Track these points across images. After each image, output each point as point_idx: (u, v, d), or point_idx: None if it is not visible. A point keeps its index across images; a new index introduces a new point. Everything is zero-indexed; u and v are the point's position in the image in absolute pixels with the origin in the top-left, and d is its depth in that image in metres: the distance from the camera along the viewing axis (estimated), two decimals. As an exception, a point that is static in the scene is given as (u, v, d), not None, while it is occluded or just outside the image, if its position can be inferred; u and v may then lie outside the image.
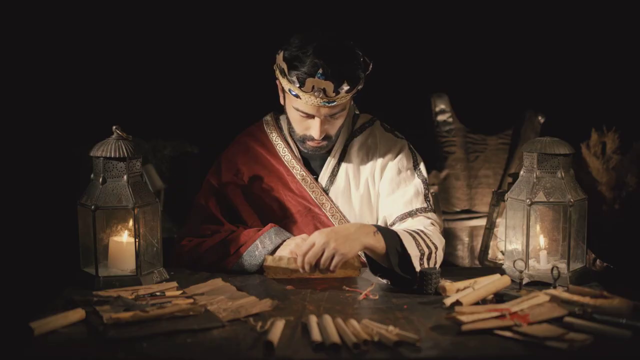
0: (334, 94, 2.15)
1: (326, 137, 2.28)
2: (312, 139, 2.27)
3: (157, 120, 3.43)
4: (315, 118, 2.23)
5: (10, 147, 3.24)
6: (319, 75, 2.12)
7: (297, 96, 2.19)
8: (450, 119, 3.70)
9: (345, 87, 2.16)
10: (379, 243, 2.06)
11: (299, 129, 2.29)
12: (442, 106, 3.70)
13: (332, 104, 2.19)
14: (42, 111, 3.36)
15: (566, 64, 3.64)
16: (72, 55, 3.42)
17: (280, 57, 2.20)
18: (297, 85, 2.16)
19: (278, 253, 2.19)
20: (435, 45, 3.65)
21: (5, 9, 3.26)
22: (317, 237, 2.02)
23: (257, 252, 2.20)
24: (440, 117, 3.70)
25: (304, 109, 2.21)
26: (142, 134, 3.13)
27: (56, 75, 3.39)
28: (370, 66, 2.26)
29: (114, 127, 2.13)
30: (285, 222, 2.34)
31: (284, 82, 2.22)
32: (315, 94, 2.14)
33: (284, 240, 2.21)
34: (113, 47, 3.47)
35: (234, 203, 2.38)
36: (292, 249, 2.17)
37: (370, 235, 2.05)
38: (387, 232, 2.10)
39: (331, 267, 2.00)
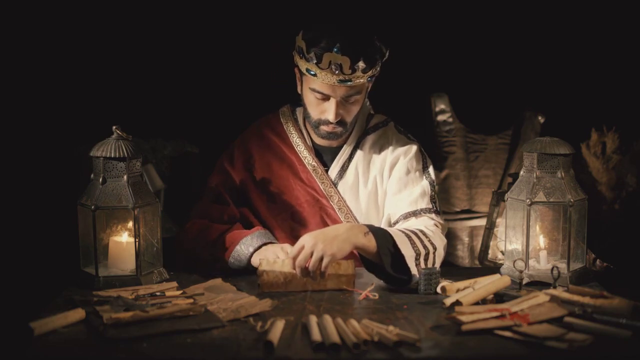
0: (350, 71, 2.17)
1: (341, 123, 2.29)
2: (327, 123, 2.28)
3: (157, 120, 3.42)
4: (331, 100, 2.24)
5: (10, 147, 3.24)
6: (336, 49, 2.15)
7: (314, 75, 2.21)
8: (450, 119, 3.70)
9: (362, 65, 2.18)
10: (370, 243, 2.06)
11: (314, 113, 2.31)
12: (442, 106, 3.70)
13: (349, 84, 2.20)
14: (41, 111, 3.36)
15: (566, 64, 3.64)
16: (73, 55, 3.42)
17: (299, 37, 2.24)
18: (315, 62, 2.18)
19: (256, 257, 2.18)
20: (435, 45, 3.64)
21: (6, 9, 3.26)
22: (306, 240, 2.02)
23: (239, 254, 2.21)
24: (440, 117, 3.70)
25: (320, 89, 2.23)
26: (142, 134, 3.13)
27: (57, 75, 3.39)
28: (388, 53, 2.29)
29: (114, 127, 2.13)
30: (294, 210, 2.37)
31: (301, 64, 2.25)
32: (332, 68, 2.16)
33: (265, 243, 2.22)
34: (114, 48, 3.46)
35: (245, 187, 2.41)
36: (268, 257, 2.14)
37: (361, 236, 2.06)
38: (379, 232, 2.10)
39: (322, 268, 2.00)
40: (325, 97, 2.25)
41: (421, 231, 2.18)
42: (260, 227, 2.31)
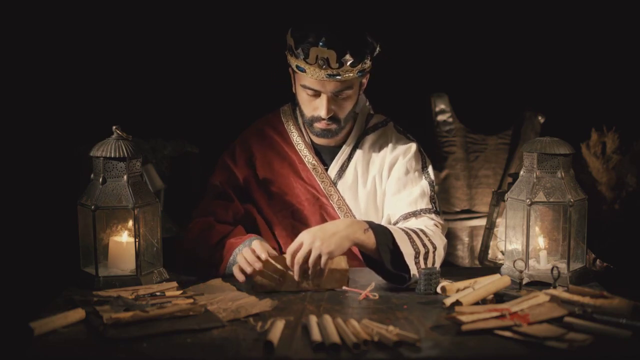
0: (337, 65, 2.18)
1: (334, 119, 2.29)
2: (320, 120, 2.29)
3: (157, 120, 3.43)
4: (322, 96, 2.25)
5: (10, 147, 3.24)
6: (321, 43, 2.16)
7: (303, 70, 2.22)
8: (450, 119, 3.69)
9: (349, 59, 2.18)
10: (369, 239, 2.07)
11: (307, 110, 2.31)
12: (442, 106, 3.70)
13: (337, 78, 2.21)
14: (42, 111, 3.36)
15: (566, 64, 3.64)
16: (73, 55, 3.42)
17: (288, 35, 2.26)
18: (303, 57, 2.19)
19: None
20: (435, 45, 3.64)
21: (6, 9, 3.26)
22: (305, 237, 2.02)
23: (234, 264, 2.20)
24: (440, 117, 3.70)
25: (310, 84, 2.24)
26: (142, 134, 3.13)
27: (57, 76, 3.39)
28: (378, 48, 2.28)
29: (114, 127, 2.13)
30: (294, 208, 2.38)
31: (292, 61, 2.27)
32: (319, 62, 2.17)
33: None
34: (114, 48, 3.47)
35: (247, 184, 2.41)
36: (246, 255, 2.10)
37: (360, 232, 2.06)
38: (379, 229, 2.10)
39: (321, 265, 2.00)
40: (316, 94, 2.26)
41: (421, 230, 2.18)
42: (253, 234, 2.28)
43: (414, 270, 2.07)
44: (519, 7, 3.64)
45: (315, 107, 2.29)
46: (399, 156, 2.38)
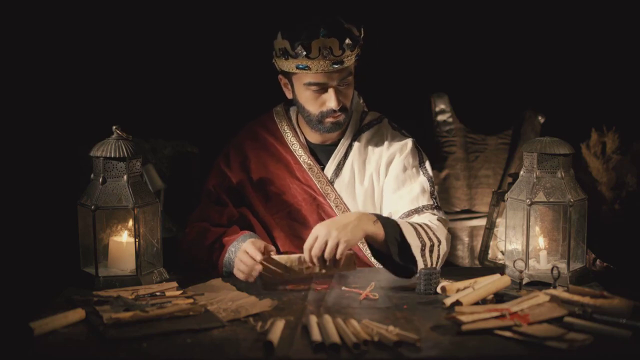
0: (340, 52, 2.20)
1: (343, 109, 2.30)
2: (330, 113, 2.29)
3: (157, 120, 3.42)
4: (329, 89, 2.26)
5: (11, 147, 3.24)
6: (322, 34, 2.18)
7: (307, 67, 2.22)
8: (450, 119, 3.69)
9: (349, 42, 2.21)
10: (379, 230, 2.10)
11: (314, 108, 2.31)
12: (442, 106, 3.69)
13: (342, 66, 2.22)
14: (42, 112, 3.36)
15: (566, 64, 3.64)
16: (73, 55, 3.42)
17: (278, 39, 2.26)
18: (304, 54, 2.20)
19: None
20: (435, 45, 3.64)
21: (6, 9, 3.26)
22: (319, 230, 2.04)
23: (230, 262, 2.20)
24: (440, 117, 3.70)
25: (315, 79, 2.24)
26: (142, 134, 3.12)
27: (57, 76, 3.39)
28: (362, 31, 2.31)
29: (114, 127, 2.13)
30: (292, 208, 2.38)
31: (288, 64, 2.26)
32: (323, 53, 2.18)
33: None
34: (114, 48, 3.46)
35: (242, 188, 2.41)
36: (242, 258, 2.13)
37: (370, 223, 2.09)
38: (387, 222, 2.14)
39: (337, 256, 2.01)
40: (322, 88, 2.26)
41: (426, 224, 2.21)
42: (246, 231, 2.28)
43: (421, 262, 2.10)
44: (519, 7, 3.64)
45: (323, 103, 2.29)
46: (396, 153, 2.39)
